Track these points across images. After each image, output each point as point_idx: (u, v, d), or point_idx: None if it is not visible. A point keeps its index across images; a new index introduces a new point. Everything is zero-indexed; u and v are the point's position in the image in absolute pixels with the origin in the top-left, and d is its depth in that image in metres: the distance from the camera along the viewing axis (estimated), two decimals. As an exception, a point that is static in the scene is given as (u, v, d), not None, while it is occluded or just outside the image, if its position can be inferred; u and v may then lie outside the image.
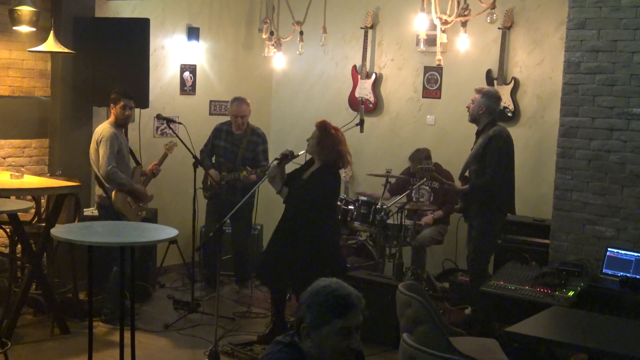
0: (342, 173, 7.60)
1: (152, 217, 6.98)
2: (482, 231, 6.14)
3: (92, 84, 6.92)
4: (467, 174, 6.35)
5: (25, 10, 6.33)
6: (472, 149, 6.26)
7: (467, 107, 6.26)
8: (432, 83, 7.77)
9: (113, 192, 6.17)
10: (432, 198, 7.29)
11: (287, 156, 5.79)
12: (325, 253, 5.75)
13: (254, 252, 7.70)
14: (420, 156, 7.03)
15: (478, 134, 6.26)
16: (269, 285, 6.10)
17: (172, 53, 7.97)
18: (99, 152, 6.13)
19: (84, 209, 6.70)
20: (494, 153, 6.04)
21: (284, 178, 5.85)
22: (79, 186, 6.13)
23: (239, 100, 7.32)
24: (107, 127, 6.21)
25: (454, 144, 7.51)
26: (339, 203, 7.05)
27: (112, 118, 6.29)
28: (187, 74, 8.11)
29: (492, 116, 6.17)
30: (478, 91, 6.22)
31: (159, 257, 7.39)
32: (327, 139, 5.69)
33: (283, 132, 8.59)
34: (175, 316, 6.50)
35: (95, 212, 6.55)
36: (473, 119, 6.22)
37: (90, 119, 7.13)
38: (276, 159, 5.78)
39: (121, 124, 6.33)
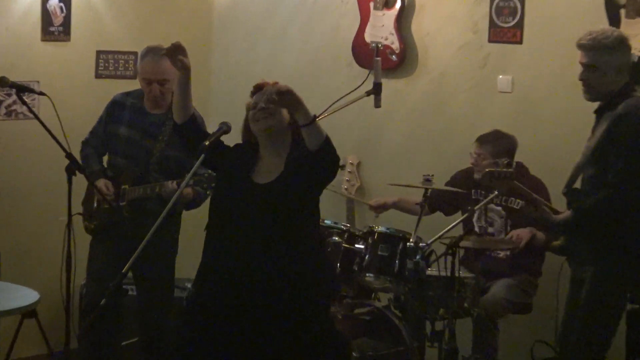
0: (345, 184, 7.57)
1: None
2: (599, 288, 5.53)
3: None
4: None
5: None
6: (588, 139, 5.64)
7: (580, 79, 5.60)
8: (507, 15, 6.87)
9: None
10: (508, 226, 6.51)
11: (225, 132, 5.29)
12: (323, 311, 4.99)
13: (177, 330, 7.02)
14: (500, 146, 6.29)
15: (600, 111, 5.63)
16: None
17: (27, -36, 7.16)
18: None
19: None
20: (625, 144, 5.45)
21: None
22: None
23: (155, 53, 6.39)
24: None
25: (549, 129, 6.67)
26: (338, 239, 6.39)
27: None
28: (54, 2, 7.29)
29: (623, 80, 5.58)
30: (591, 47, 5.50)
31: (4, 340, 6.56)
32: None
33: (230, 108, 7.46)
34: None
35: None
36: (595, 96, 5.63)
37: None
38: (203, 144, 5.01)
39: None
